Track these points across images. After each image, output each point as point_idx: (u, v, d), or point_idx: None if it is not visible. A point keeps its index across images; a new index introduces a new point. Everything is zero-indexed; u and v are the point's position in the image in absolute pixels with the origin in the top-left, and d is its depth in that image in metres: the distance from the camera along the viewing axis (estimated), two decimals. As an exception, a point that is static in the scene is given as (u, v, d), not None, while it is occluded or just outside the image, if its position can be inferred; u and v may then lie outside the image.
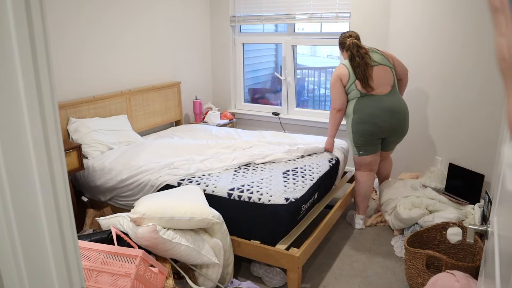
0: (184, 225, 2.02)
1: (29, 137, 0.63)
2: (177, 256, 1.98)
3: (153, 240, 1.88)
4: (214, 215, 2.12)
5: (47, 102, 0.65)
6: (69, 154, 2.60)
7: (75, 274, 0.74)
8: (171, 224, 1.99)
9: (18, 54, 0.60)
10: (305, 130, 4.19)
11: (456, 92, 2.91)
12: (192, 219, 2.01)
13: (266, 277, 2.37)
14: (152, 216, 1.96)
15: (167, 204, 2.04)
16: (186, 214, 2.01)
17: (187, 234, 2.03)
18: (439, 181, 2.98)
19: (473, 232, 1.18)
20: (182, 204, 2.07)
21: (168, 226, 1.99)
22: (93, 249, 1.78)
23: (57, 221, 0.68)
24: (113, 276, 1.68)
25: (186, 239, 1.99)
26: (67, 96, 3.03)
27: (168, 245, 1.92)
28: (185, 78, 4.22)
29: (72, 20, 3.00)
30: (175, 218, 1.98)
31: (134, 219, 1.95)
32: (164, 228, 1.98)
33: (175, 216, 1.98)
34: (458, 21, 2.82)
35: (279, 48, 4.82)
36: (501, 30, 0.56)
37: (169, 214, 1.98)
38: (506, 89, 0.58)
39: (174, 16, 3.97)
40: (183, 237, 1.98)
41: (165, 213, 1.98)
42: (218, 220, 2.15)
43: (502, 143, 1.37)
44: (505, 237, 0.85)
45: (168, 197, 2.15)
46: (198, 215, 2.03)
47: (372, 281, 2.40)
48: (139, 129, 3.62)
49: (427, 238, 2.48)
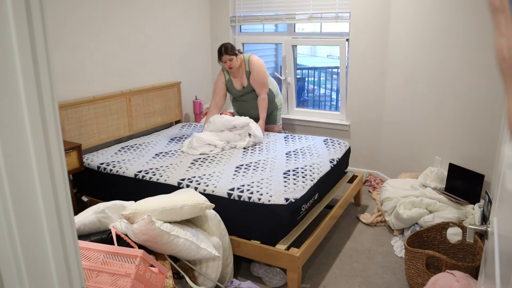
0: (177, 214, 2.03)
1: (29, 137, 0.63)
2: (176, 251, 1.97)
3: (150, 232, 1.88)
4: (206, 200, 2.14)
5: (47, 102, 0.65)
6: (69, 154, 2.60)
7: (75, 274, 0.74)
8: (165, 215, 2.00)
9: (18, 54, 0.60)
10: (305, 130, 4.19)
11: (456, 92, 2.91)
12: (184, 206, 2.03)
13: (266, 277, 2.37)
14: (144, 210, 1.97)
15: (157, 199, 2.07)
16: (177, 203, 2.03)
17: (185, 228, 2.05)
18: (439, 181, 2.98)
19: (473, 232, 1.18)
20: (173, 196, 2.11)
21: (162, 218, 2.00)
22: (93, 249, 1.78)
23: (57, 221, 0.69)
24: (113, 276, 1.68)
25: (185, 233, 1.99)
26: (67, 96, 3.03)
27: (166, 237, 1.92)
28: (185, 78, 4.22)
29: (72, 20, 3.00)
30: (167, 207, 2.00)
31: (127, 215, 1.96)
32: (160, 220, 1.99)
33: (166, 206, 2.01)
34: (458, 21, 2.82)
35: (279, 48, 4.82)
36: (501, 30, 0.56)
37: (161, 205, 2.01)
38: (506, 89, 0.58)
39: (174, 16, 3.97)
40: (181, 230, 1.99)
41: (157, 205, 2.00)
42: (211, 204, 2.16)
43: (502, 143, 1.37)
44: (505, 237, 0.85)
45: (158, 196, 2.17)
46: (190, 202, 2.06)
47: (372, 281, 2.40)
48: (139, 129, 3.62)
49: (427, 238, 2.48)
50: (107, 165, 2.84)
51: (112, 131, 3.36)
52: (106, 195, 2.85)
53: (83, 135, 3.09)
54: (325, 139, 3.39)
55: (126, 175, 2.72)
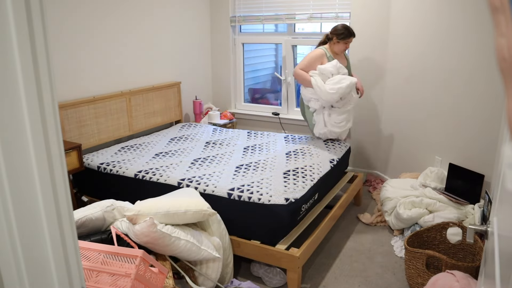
0: (180, 219, 2.03)
1: (29, 137, 0.63)
2: (177, 252, 1.98)
3: (152, 234, 1.88)
4: (209, 207, 2.13)
5: (47, 102, 0.65)
6: (69, 154, 2.60)
7: (75, 274, 0.74)
8: (167, 219, 2.00)
9: (18, 54, 0.60)
10: (305, 130, 4.19)
11: (456, 92, 2.91)
12: (187, 212, 2.03)
13: (266, 277, 2.37)
14: (147, 212, 1.97)
15: (161, 201, 2.07)
16: (181, 207, 2.02)
17: (186, 229, 2.05)
18: (439, 181, 2.98)
19: (473, 232, 1.18)
20: (177, 199, 2.10)
21: (165, 221, 2.00)
22: (93, 249, 1.78)
23: (57, 221, 0.69)
24: (113, 276, 1.68)
25: (185, 234, 1.99)
26: (67, 96, 3.03)
27: (167, 239, 1.92)
28: (185, 78, 4.22)
29: (72, 20, 2.99)
30: (170, 212, 2.00)
31: (130, 216, 1.96)
32: (162, 223, 1.99)
33: (170, 210, 2.00)
34: (459, 20, 2.82)
35: (279, 48, 4.82)
36: (501, 30, 0.56)
37: (164, 208, 2.00)
38: (506, 89, 0.58)
39: (174, 16, 3.97)
40: (182, 231, 1.99)
41: (160, 208, 2.00)
42: (214, 211, 2.15)
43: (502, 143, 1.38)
44: (505, 237, 0.85)
45: (162, 197, 2.17)
46: (193, 207, 2.05)
47: (372, 281, 2.40)
48: (139, 129, 3.62)
49: (427, 238, 2.48)
50: (107, 165, 2.83)
51: (112, 131, 3.36)
52: (106, 195, 2.85)
53: (83, 135, 3.09)
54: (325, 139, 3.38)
55: (126, 175, 2.72)
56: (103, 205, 2.11)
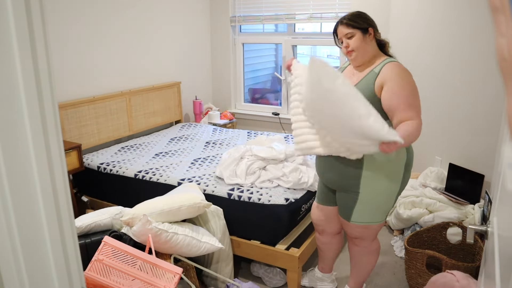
0: (176, 215, 2.03)
1: (29, 137, 0.63)
2: (177, 248, 1.98)
3: (148, 232, 1.89)
4: (204, 199, 2.13)
5: (47, 102, 0.65)
6: (69, 154, 2.60)
7: (75, 274, 0.74)
8: (163, 217, 2.00)
9: (18, 54, 0.60)
10: (305, 130, 4.19)
11: (456, 92, 2.91)
12: (181, 207, 2.03)
13: (266, 277, 2.37)
14: (142, 214, 1.97)
15: (155, 201, 2.07)
16: (174, 204, 2.02)
17: (184, 225, 2.05)
18: (439, 181, 2.98)
19: (473, 232, 1.18)
20: (170, 197, 2.10)
21: (161, 219, 2.00)
22: (132, 253, 1.82)
23: (57, 221, 0.68)
24: (146, 285, 1.73)
25: (183, 229, 2.00)
26: (67, 96, 3.03)
27: (164, 235, 1.92)
28: (185, 78, 4.22)
29: (72, 21, 2.99)
30: (164, 210, 2.00)
31: (126, 221, 1.98)
32: (159, 222, 1.99)
33: (164, 208, 2.00)
34: (458, 20, 2.82)
35: (279, 48, 4.81)
36: (501, 30, 0.56)
37: (158, 207, 2.00)
38: (506, 89, 0.58)
39: (174, 16, 3.97)
40: (179, 227, 2.00)
41: (155, 208, 2.00)
42: (209, 203, 2.15)
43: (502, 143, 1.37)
44: (505, 237, 0.85)
45: (157, 198, 2.17)
46: (186, 201, 2.05)
47: (372, 281, 2.40)
48: (139, 129, 3.62)
49: (427, 238, 2.48)
50: (107, 165, 2.83)
51: (112, 131, 3.36)
52: (106, 195, 2.85)
53: (83, 135, 3.09)
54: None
55: (126, 175, 2.72)
56: (112, 212, 2.12)
